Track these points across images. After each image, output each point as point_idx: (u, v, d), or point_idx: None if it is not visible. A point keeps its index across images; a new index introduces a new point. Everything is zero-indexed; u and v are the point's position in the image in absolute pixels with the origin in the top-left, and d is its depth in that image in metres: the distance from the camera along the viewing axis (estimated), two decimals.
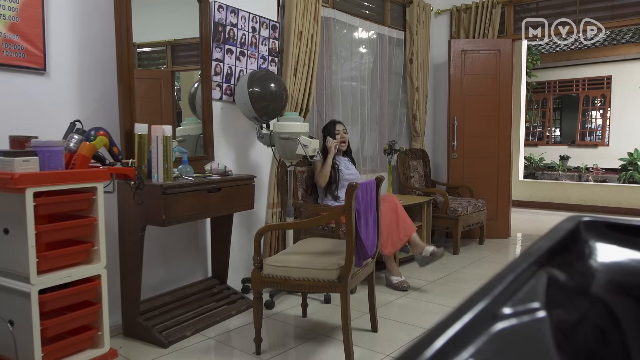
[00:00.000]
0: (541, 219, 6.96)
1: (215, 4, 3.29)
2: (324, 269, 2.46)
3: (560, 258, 0.61)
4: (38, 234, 1.94)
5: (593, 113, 12.62)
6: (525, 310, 0.48)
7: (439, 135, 5.78)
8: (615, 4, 4.84)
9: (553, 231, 0.66)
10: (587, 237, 0.67)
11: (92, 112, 2.71)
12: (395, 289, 3.63)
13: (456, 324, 0.42)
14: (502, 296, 0.48)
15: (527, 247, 0.59)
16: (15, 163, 1.90)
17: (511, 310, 0.47)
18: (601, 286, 0.62)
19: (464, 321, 0.43)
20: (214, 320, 2.97)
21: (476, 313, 0.44)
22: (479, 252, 4.84)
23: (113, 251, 2.65)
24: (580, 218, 0.69)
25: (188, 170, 2.80)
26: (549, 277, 0.56)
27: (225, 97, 3.45)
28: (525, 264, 0.55)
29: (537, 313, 0.48)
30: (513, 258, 2.28)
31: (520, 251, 5.08)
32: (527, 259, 0.56)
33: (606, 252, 0.67)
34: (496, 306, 0.46)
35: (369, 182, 2.70)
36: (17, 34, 2.39)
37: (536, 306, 0.49)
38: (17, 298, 1.98)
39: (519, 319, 0.46)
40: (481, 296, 0.47)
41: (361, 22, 4.82)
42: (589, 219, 0.69)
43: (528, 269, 0.55)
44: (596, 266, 0.65)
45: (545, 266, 0.57)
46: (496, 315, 0.45)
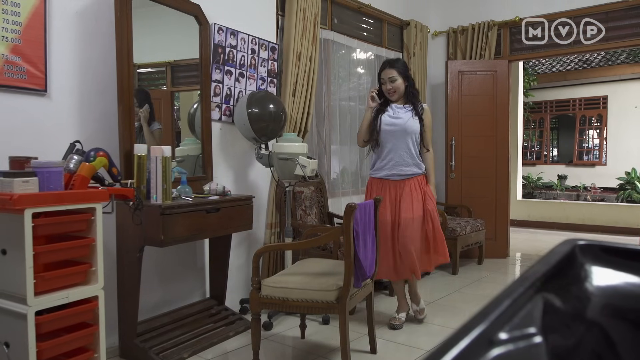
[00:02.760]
0: (540, 239, 6.95)
1: (215, 26, 3.33)
2: (323, 290, 2.45)
3: (556, 282, 0.62)
4: (36, 255, 1.94)
5: (590, 132, 12.70)
6: (521, 336, 0.48)
7: (437, 155, 5.76)
8: (610, 26, 4.91)
9: (549, 255, 0.67)
10: (582, 261, 0.67)
11: (92, 133, 2.73)
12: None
13: (453, 350, 0.43)
14: (499, 321, 0.49)
15: (524, 272, 0.60)
16: (14, 184, 1.90)
17: (508, 335, 0.47)
18: (597, 310, 0.62)
19: (461, 347, 0.43)
20: (212, 341, 2.94)
21: (473, 339, 0.45)
22: (478, 272, 4.83)
23: (110, 272, 2.64)
24: (575, 242, 0.70)
25: (187, 191, 2.81)
26: (545, 302, 0.57)
27: (224, 117, 3.48)
28: (522, 288, 0.55)
29: (533, 338, 0.49)
30: (512, 279, 2.27)
31: (519, 271, 5.07)
32: (523, 283, 0.56)
33: (602, 275, 0.67)
34: (493, 331, 0.47)
35: (368, 202, 2.70)
36: (20, 56, 2.42)
37: (532, 331, 0.50)
38: (13, 319, 1.97)
39: (515, 345, 0.47)
40: (478, 321, 0.47)
41: (359, 44, 4.88)
42: (584, 242, 0.70)
43: (524, 294, 0.55)
44: (592, 290, 0.65)
45: (542, 290, 0.58)
46: (493, 341, 0.46)
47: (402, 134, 3.20)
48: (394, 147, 3.21)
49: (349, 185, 4.83)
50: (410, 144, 3.21)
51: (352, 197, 4.72)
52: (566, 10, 5.04)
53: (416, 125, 3.22)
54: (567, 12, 5.04)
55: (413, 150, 3.22)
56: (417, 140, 3.24)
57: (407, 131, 3.20)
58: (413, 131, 3.21)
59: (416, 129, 3.22)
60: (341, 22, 4.68)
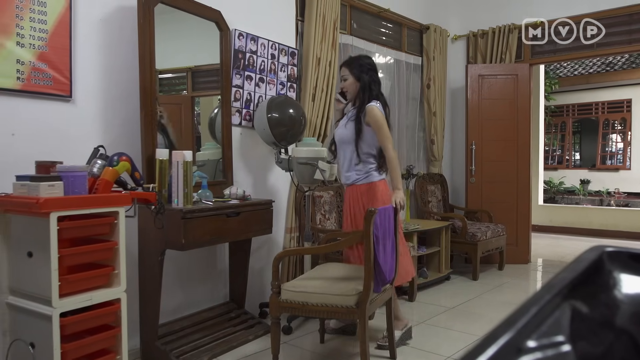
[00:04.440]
0: (562, 244, 6.84)
1: (236, 31, 3.37)
2: (342, 295, 2.45)
3: (583, 289, 0.61)
4: (61, 258, 1.97)
5: (613, 136, 12.46)
6: (549, 344, 0.48)
7: (457, 159, 5.76)
8: (633, 29, 4.82)
9: (576, 262, 0.66)
10: (611, 268, 0.66)
11: (115, 138, 2.77)
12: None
13: (480, 358, 0.42)
14: (526, 329, 0.48)
15: (550, 279, 0.59)
16: (40, 188, 1.94)
17: (536, 343, 0.47)
18: (626, 318, 0.61)
19: (488, 354, 0.43)
20: (231, 345, 2.96)
21: (500, 346, 0.44)
22: (499, 278, 4.77)
23: (132, 275, 2.67)
24: (603, 248, 0.69)
25: (207, 195, 2.84)
26: (572, 310, 0.56)
27: (244, 122, 3.50)
28: (549, 295, 0.55)
29: (562, 347, 0.48)
30: (535, 286, 2.26)
31: (541, 277, 5.00)
32: (550, 290, 0.56)
33: (631, 283, 0.66)
34: (520, 339, 0.46)
35: (387, 207, 2.70)
36: (46, 63, 2.47)
37: (561, 339, 0.49)
38: (39, 321, 2.01)
39: (543, 353, 0.46)
40: (505, 329, 0.47)
41: (378, 48, 4.88)
42: (612, 249, 0.69)
43: (551, 301, 0.54)
44: (621, 297, 0.64)
45: (569, 298, 0.57)
46: (521, 349, 0.45)
47: (339, 142, 3.08)
48: (339, 155, 3.11)
49: None
50: (347, 151, 3.01)
51: None
52: (589, 12, 4.97)
53: (347, 132, 2.98)
54: (590, 14, 4.97)
55: (350, 156, 2.99)
56: (357, 145, 2.93)
57: (343, 140, 3.02)
58: (346, 139, 2.99)
59: (347, 136, 2.97)
60: (360, 27, 4.68)
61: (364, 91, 2.95)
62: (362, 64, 3.00)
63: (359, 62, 3.02)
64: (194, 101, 3.54)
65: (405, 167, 4.68)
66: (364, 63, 3.01)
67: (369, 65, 3.01)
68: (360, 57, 3.13)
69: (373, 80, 2.99)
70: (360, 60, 3.04)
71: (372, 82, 2.97)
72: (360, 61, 3.03)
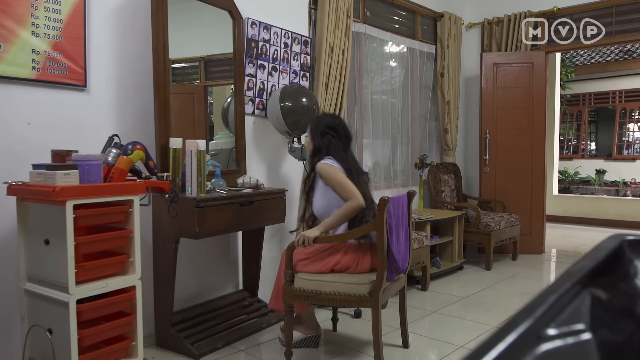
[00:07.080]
0: (577, 235, 6.77)
1: (249, 20, 3.35)
2: (356, 283, 2.45)
3: (603, 278, 0.60)
4: (77, 245, 2.00)
5: (630, 126, 12.26)
6: (570, 332, 0.47)
7: (471, 149, 5.71)
8: None
9: (595, 250, 0.65)
10: (631, 257, 0.65)
11: (130, 127, 2.79)
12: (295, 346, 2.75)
13: (499, 345, 0.42)
14: (546, 317, 0.47)
15: (570, 267, 0.58)
16: (56, 176, 1.96)
17: (556, 331, 0.46)
18: None
19: (508, 342, 0.43)
20: (245, 332, 2.98)
21: (520, 334, 0.44)
22: (512, 268, 4.74)
23: (147, 263, 2.70)
24: (624, 237, 0.68)
25: (221, 184, 2.85)
26: (592, 298, 0.55)
27: (257, 111, 3.50)
28: (568, 284, 0.54)
29: (582, 335, 0.47)
30: (548, 277, 2.24)
31: (555, 267, 4.96)
32: (569, 279, 0.55)
33: None
34: (540, 327, 0.46)
35: (401, 196, 2.69)
36: (61, 52, 2.49)
37: (581, 327, 0.48)
38: (56, 307, 2.04)
39: (564, 341, 0.46)
40: (524, 317, 0.46)
41: (392, 37, 4.83)
42: (633, 237, 0.68)
43: (571, 289, 0.54)
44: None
45: (589, 286, 0.56)
46: (540, 337, 0.45)
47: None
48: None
49: (381, 179, 4.80)
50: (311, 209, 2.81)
51: (384, 190, 4.69)
52: (603, 0, 4.87)
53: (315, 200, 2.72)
54: (604, 1, 4.87)
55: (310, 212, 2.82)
56: (313, 201, 2.74)
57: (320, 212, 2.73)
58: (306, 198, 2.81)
59: (316, 204, 2.72)
60: (374, 15, 4.64)
61: (313, 155, 2.74)
62: (315, 124, 2.77)
63: (314, 123, 2.80)
64: (206, 90, 3.54)
65: (419, 156, 4.65)
66: (315, 122, 2.79)
67: (326, 126, 2.74)
68: (315, 118, 2.94)
69: (329, 142, 2.70)
70: (313, 120, 2.84)
71: (328, 146, 2.70)
72: (313, 121, 2.84)
